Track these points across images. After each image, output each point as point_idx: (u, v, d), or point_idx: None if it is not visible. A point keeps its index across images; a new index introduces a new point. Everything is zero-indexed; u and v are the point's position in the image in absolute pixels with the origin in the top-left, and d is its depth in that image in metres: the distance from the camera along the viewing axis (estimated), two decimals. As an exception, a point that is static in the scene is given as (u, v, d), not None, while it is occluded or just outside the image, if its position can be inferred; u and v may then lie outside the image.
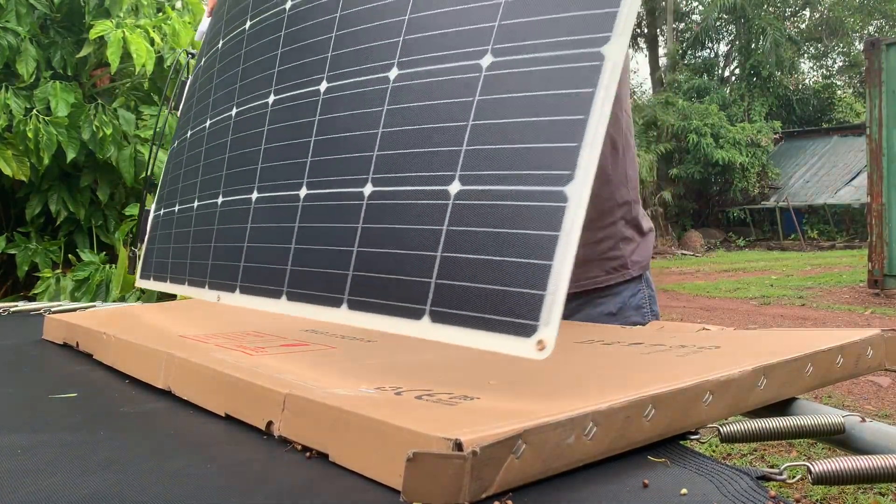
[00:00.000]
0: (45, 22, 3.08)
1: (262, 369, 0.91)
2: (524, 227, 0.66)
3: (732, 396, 0.78)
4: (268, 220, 0.95)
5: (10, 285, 3.25)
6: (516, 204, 0.67)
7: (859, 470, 0.63)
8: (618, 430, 0.67)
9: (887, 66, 7.14)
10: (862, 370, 0.96)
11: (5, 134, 2.89)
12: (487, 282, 0.67)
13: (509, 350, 0.64)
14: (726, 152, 16.35)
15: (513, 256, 0.66)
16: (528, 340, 0.63)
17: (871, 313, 6.36)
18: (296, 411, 0.76)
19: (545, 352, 0.62)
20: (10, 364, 1.26)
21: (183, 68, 1.44)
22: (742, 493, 0.59)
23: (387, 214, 0.77)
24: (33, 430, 0.86)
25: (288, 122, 0.96)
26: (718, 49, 21.82)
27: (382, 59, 0.83)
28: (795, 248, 15.05)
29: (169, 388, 0.99)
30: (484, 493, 0.58)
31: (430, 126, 0.76)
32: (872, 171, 7.29)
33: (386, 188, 0.77)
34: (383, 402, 0.75)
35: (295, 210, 0.89)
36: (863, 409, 3.79)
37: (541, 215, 0.65)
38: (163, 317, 1.41)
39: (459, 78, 0.75)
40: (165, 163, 1.44)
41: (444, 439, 0.59)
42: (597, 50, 0.67)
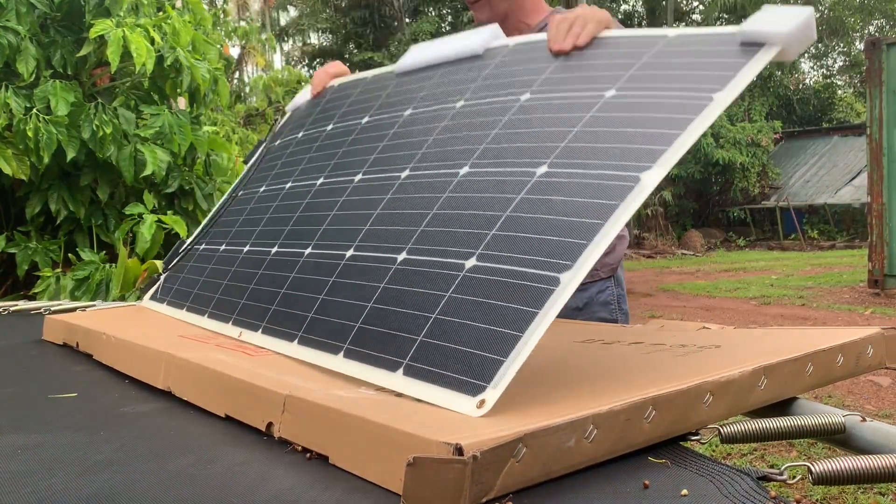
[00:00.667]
0: (45, 21, 3.08)
1: (263, 370, 0.91)
2: (511, 300, 0.75)
3: (733, 397, 0.78)
4: (310, 273, 1.06)
5: (10, 284, 3.25)
6: (514, 281, 0.77)
7: (859, 470, 0.63)
8: (618, 432, 0.67)
9: (888, 66, 7.13)
10: (862, 369, 0.96)
11: (5, 133, 2.89)
12: (462, 343, 0.75)
13: (453, 406, 0.71)
14: (727, 152, 16.35)
15: (491, 324, 0.75)
16: (472, 399, 0.70)
17: (871, 313, 6.38)
18: (296, 413, 0.76)
19: (483, 409, 0.69)
20: (10, 364, 1.26)
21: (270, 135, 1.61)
22: (742, 493, 0.59)
23: (407, 278, 0.88)
24: (33, 430, 0.86)
25: (362, 197, 1.11)
26: (719, 48, 21.88)
27: (460, 159, 1.00)
28: (796, 248, 15.04)
29: (169, 388, 0.99)
30: (485, 496, 0.58)
31: (473, 212, 0.90)
32: (873, 170, 7.29)
33: (415, 257, 0.90)
34: (384, 404, 0.75)
35: (336, 267, 1.01)
36: (863, 408, 3.80)
37: (530, 293, 0.74)
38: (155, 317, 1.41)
39: (513, 179, 0.90)
40: (219, 205, 1.58)
41: (445, 444, 0.59)
42: (636, 174, 0.79)
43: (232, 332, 1.15)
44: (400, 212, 1.01)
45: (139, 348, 1.09)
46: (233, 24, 8.31)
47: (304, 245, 1.14)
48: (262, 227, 1.31)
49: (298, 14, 23.66)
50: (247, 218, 1.39)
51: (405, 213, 0.99)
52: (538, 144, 0.91)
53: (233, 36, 8.08)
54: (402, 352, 0.81)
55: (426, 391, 0.75)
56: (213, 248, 1.43)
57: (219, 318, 1.21)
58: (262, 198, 1.42)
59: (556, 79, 1.04)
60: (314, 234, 1.14)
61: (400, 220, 0.99)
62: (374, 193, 1.08)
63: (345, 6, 19.68)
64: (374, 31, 19.34)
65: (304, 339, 0.98)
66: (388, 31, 19.26)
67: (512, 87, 1.08)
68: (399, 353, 0.82)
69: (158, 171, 3.04)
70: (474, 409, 0.69)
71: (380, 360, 0.83)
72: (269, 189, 1.41)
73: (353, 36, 19.72)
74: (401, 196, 1.03)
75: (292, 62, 21.82)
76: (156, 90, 3.37)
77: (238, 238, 1.36)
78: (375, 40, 19.22)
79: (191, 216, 3.36)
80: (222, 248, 1.38)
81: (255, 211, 1.39)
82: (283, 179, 1.38)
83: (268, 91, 8.41)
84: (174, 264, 1.54)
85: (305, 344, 0.97)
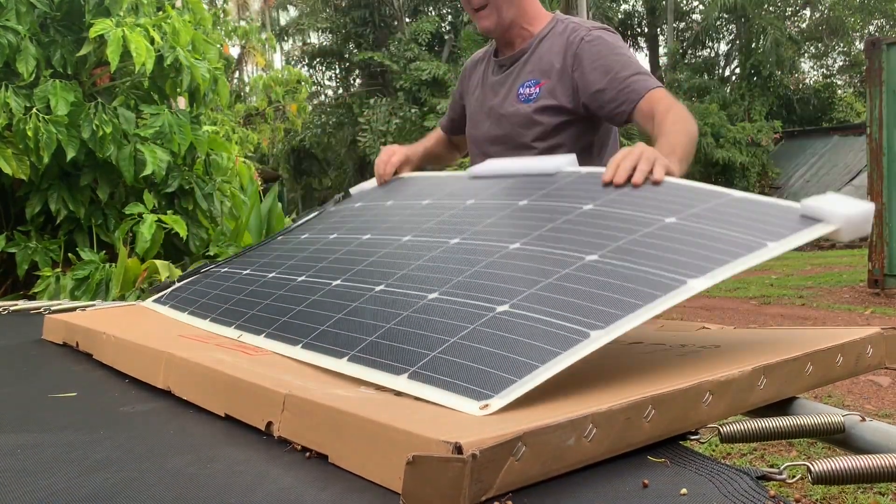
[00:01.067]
0: (45, 21, 3.07)
1: (263, 369, 0.91)
2: (536, 339, 0.78)
3: (732, 396, 0.78)
4: (334, 297, 1.08)
5: (10, 284, 3.24)
6: (542, 327, 0.80)
7: (859, 469, 0.63)
8: (618, 431, 0.67)
9: (888, 66, 7.12)
10: (862, 369, 0.96)
11: (5, 133, 2.89)
12: (476, 362, 0.77)
13: (457, 406, 0.72)
14: (727, 152, 16.33)
15: (511, 352, 0.77)
16: (475, 403, 0.71)
17: (871, 313, 6.37)
18: (296, 412, 0.76)
19: (486, 411, 0.69)
20: (10, 364, 1.26)
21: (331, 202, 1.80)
22: (742, 492, 0.59)
23: (435, 309, 0.92)
24: (33, 429, 0.86)
25: (408, 251, 1.17)
26: (719, 48, 21.85)
27: (510, 238, 1.07)
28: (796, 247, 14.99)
29: (169, 388, 0.99)
30: (484, 495, 0.58)
31: (510, 274, 0.96)
32: (873, 170, 7.28)
33: (448, 297, 0.94)
34: (384, 403, 0.75)
35: (362, 296, 1.05)
36: (863, 408, 3.79)
37: (557, 338, 0.77)
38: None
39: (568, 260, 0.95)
40: (266, 238, 1.66)
41: (444, 442, 0.59)
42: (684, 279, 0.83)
43: (231, 333, 1.15)
44: (439, 264, 1.06)
45: (139, 348, 1.09)
46: (233, 23, 8.30)
47: (334, 277, 1.17)
48: (295, 261, 1.35)
49: (298, 14, 23.65)
50: (281, 254, 1.44)
51: (446, 266, 1.05)
52: (593, 240, 0.97)
53: (233, 35, 8.07)
54: (411, 361, 0.82)
55: (428, 392, 0.75)
56: (236, 271, 1.47)
57: (220, 323, 1.21)
58: (303, 241, 1.48)
59: (618, 200, 1.12)
60: (348, 271, 1.17)
61: (439, 269, 1.04)
62: (419, 249, 1.13)
63: (345, 6, 19.67)
64: (374, 30, 19.33)
65: (308, 344, 0.98)
66: (388, 30, 19.25)
67: (576, 198, 1.16)
68: (407, 362, 0.82)
69: (158, 171, 3.04)
70: (476, 410, 0.69)
71: (385, 365, 0.84)
72: (313, 236, 1.48)
73: (353, 35, 19.71)
74: (446, 254, 1.09)
75: (292, 62, 21.82)
76: (156, 90, 3.37)
77: (266, 267, 1.40)
78: (375, 40, 19.21)
79: (191, 216, 3.36)
80: (246, 272, 1.42)
81: (292, 250, 1.44)
82: (330, 231, 1.45)
83: (268, 91, 8.40)
84: (190, 280, 1.56)
85: (309, 349, 0.97)
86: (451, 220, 1.25)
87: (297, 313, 1.10)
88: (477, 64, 1.94)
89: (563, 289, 0.86)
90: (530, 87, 1.73)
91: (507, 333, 0.80)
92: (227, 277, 1.45)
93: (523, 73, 1.75)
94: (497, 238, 1.09)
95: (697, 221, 0.97)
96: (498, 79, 1.80)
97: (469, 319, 0.86)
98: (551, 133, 1.70)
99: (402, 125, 16.20)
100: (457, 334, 0.83)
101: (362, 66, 19.76)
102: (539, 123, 1.70)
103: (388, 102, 17.08)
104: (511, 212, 1.20)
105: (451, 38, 19.10)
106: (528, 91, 1.73)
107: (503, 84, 1.78)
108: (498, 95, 1.79)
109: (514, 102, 1.74)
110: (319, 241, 1.42)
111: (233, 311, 1.24)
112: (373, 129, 16.57)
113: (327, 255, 1.30)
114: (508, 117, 1.74)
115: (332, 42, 21.18)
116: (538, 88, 1.71)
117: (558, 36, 1.71)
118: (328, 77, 22.81)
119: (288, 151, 20.04)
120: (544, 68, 1.71)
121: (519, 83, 1.75)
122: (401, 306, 0.97)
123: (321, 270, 1.24)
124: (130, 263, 2.95)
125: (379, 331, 0.93)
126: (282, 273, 1.32)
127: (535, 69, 1.73)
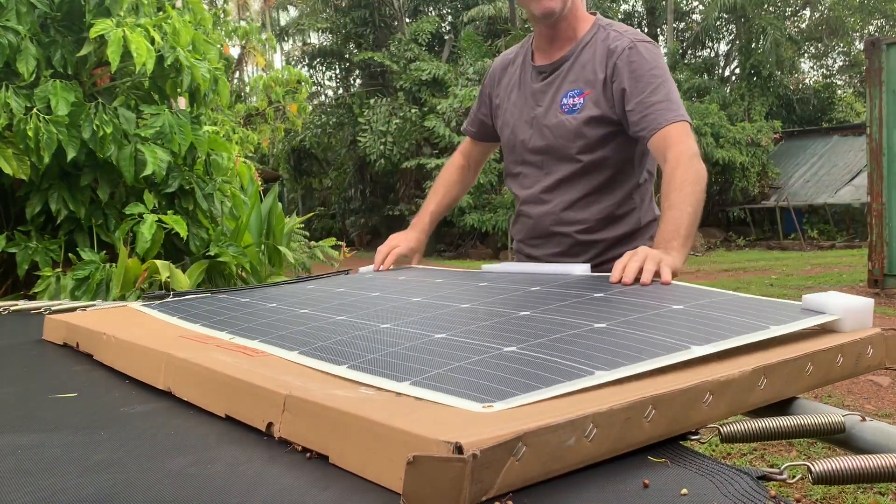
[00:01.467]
0: (46, 21, 3.07)
1: (263, 370, 0.91)
2: (541, 370, 0.79)
3: (732, 396, 0.78)
4: (337, 326, 1.10)
5: (10, 284, 3.24)
6: (547, 363, 0.81)
7: (859, 469, 0.63)
8: (618, 431, 0.67)
9: (887, 66, 7.12)
10: (862, 369, 0.96)
11: (6, 133, 2.89)
12: (479, 378, 0.78)
13: (461, 406, 0.72)
14: (726, 152, 16.32)
15: (514, 375, 0.78)
16: (479, 405, 0.71)
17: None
18: (296, 412, 0.76)
19: (490, 409, 0.70)
20: (11, 364, 1.26)
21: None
22: (742, 492, 0.59)
23: (443, 344, 0.94)
24: (33, 430, 0.86)
25: (420, 306, 1.19)
26: (719, 48, 21.84)
27: (518, 308, 1.11)
28: (795, 248, 15.02)
29: (169, 388, 0.99)
30: (484, 495, 0.58)
31: (520, 326, 1.00)
32: (873, 170, 7.28)
33: (457, 339, 0.96)
34: (384, 403, 0.75)
35: (369, 328, 1.06)
36: (863, 408, 3.79)
37: (562, 371, 0.78)
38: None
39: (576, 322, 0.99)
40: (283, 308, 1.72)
41: (445, 442, 0.59)
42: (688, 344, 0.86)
43: (224, 336, 1.14)
44: (453, 318, 1.09)
45: (139, 348, 1.09)
46: (233, 23, 8.30)
47: (340, 314, 1.18)
48: (300, 299, 1.39)
49: (298, 14, 23.65)
50: (286, 298, 1.46)
51: (453, 319, 1.07)
52: (602, 314, 1.03)
53: (233, 36, 8.07)
54: (414, 373, 0.82)
55: (430, 395, 0.75)
56: (237, 298, 1.49)
57: (211, 328, 1.21)
58: (310, 289, 1.50)
59: (626, 291, 1.19)
60: (355, 311, 1.18)
61: (450, 319, 1.08)
62: (431, 310, 1.16)
63: (345, 6, 19.67)
64: (374, 30, 19.34)
65: (306, 351, 0.98)
66: (388, 30, 19.25)
67: (586, 288, 1.23)
68: (410, 374, 0.82)
69: (158, 171, 3.04)
70: (480, 408, 0.70)
71: (387, 374, 0.84)
72: (321, 286, 1.53)
73: (353, 36, 19.72)
74: (457, 313, 1.12)
75: (292, 62, 21.82)
76: (156, 90, 3.37)
77: (268, 299, 1.43)
78: (375, 40, 19.21)
79: (191, 216, 3.37)
80: (246, 300, 1.44)
81: (298, 294, 1.48)
82: (340, 288, 1.49)
83: (268, 91, 8.40)
84: (183, 296, 1.58)
85: (307, 355, 0.97)
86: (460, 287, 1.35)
87: (296, 332, 1.11)
88: (507, 66, 1.89)
89: (573, 342, 0.90)
90: (574, 97, 1.70)
91: (511, 364, 0.82)
92: (227, 300, 1.48)
93: (566, 83, 1.72)
94: (509, 307, 1.14)
95: (702, 309, 1.03)
96: (539, 87, 1.77)
97: (475, 353, 0.88)
98: (597, 145, 1.69)
99: (402, 125, 16.20)
100: (464, 360, 0.85)
101: (362, 66, 19.77)
102: (585, 136, 1.68)
103: (388, 102, 17.08)
104: (523, 293, 1.25)
105: (451, 38, 19.10)
106: (571, 101, 1.70)
107: (545, 93, 1.75)
108: (541, 105, 1.76)
109: (557, 113, 1.72)
110: (330, 290, 1.44)
111: (225, 322, 1.24)
112: (373, 129, 16.57)
113: (334, 300, 1.33)
114: (552, 128, 1.72)
115: (332, 42, 21.18)
116: (582, 99, 1.69)
117: (600, 44, 1.70)
118: (328, 77, 22.83)
119: (288, 151, 20.05)
120: (588, 78, 1.69)
121: (562, 93, 1.72)
122: (408, 338, 0.98)
123: (327, 309, 1.25)
124: (131, 263, 2.95)
125: (383, 351, 0.94)
126: (284, 305, 1.33)
127: (579, 78, 1.71)
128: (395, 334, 1.02)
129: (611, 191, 1.75)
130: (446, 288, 1.35)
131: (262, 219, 4.35)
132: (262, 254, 4.14)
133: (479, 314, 1.11)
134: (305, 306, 1.30)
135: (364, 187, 19.92)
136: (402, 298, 1.28)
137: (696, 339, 0.88)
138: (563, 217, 1.77)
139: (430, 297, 1.27)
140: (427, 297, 1.26)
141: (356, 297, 1.35)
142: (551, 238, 1.81)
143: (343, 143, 19.45)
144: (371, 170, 18.12)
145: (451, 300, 1.22)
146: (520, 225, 1.90)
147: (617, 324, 0.97)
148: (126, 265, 2.92)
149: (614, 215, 1.76)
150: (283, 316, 1.24)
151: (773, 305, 1.06)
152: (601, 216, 1.75)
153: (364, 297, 1.34)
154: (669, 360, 0.81)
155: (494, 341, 0.93)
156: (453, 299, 1.23)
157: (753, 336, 0.89)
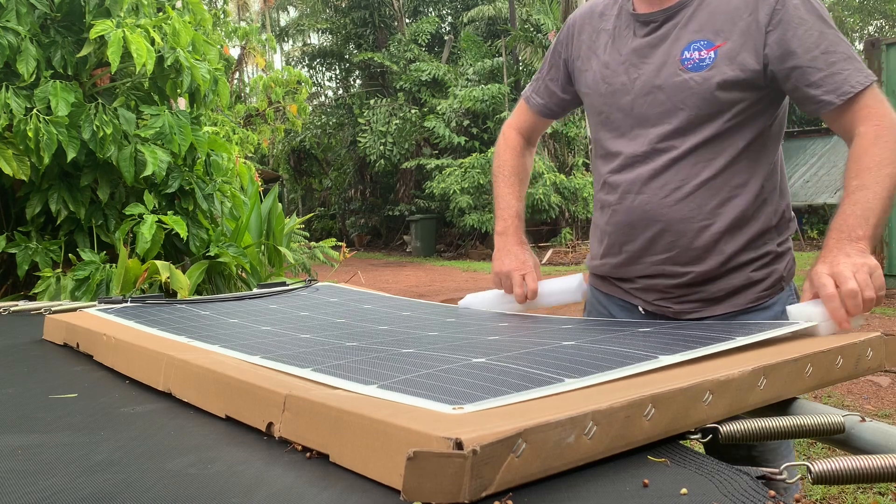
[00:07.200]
0: (46, 21, 3.07)
1: (263, 370, 0.91)
2: (510, 377, 0.80)
3: (732, 396, 0.78)
4: (341, 351, 1.09)
5: (10, 285, 3.24)
6: (515, 371, 0.83)
7: (859, 469, 0.63)
8: (618, 429, 0.67)
9: (887, 66, 7.13)
10: (861, 371, 0.96)
11: (5, 133, 2.88)
12: (447, 383, 0.79)
13: (432, 408, 0.72)
14: (726, 152, 16.34)
15: (482, 381, 0.79)
16: (449, 406, 0.71)
17: (871, 313, 6.36)
18: (296, 412, 0.76)
19: (460, 412, 0.69)
20: (11, 364, 1.26)
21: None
22: (742, 492, 0.59)
23: (415, 355, 0.96)
24: (34, 430, 0.86)
25: (395, 337, 1.19)
26: (718, 49, 21.84)
27: (493, 333, 1.15)
28: (795, 248, 15.01)
29: (169, 390, 0.99)
30: (484, 491, 0.58)
31: (492, 339, 1.08)
32: (872, 170, 7.29)
33: (429, 352, 0.98)
34: (384, 401, 0.75)
35: (370, 351, 1.05)
36: (862, 408, 3.79)
37: (532, 378, 0.79)
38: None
39: (537, 341, 1.05)
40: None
41: (445, 438, 0.59)
42: (656, 355, 0.89)
43: (181, 339, 1.13)
44: (447, 343, 1.09)
45: (140, 349, 1.09)
46: (233, 24, 8.31)
47: (349, 340, 1.17)
48: (269, 318, 1.39)
49: (298, 14, 23.66)
50: (244, 308, 1.47)
51: (449, 344, 1.08)
52: (575, 335, 1.09)
53: (233, 36, 8.07)
54: (382, 378, 0.82)
55: (407, 399, 0.74)
56: (189, 308, 1.48)
57: (170, 332, 1.20)
58: (300, 315, 1.47)
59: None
60: (361, 336, 1.17)
61: (439, 342, 1.09)
62: (407, 337, 1.17)
63: (345, 6, 19.67)
64: (374, 31, 19.34)
65: (265, 356, 0.98)
66: (388, 31, 19.25)
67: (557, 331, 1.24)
68: (378, 378, 0.82)
69: (159, 172, 3.04)
70: (451, 410, 0.69)
71: (353, 377, 0.83)
72: (282, 306, 1.55)
73: (353, 36, 19.72)
74: (460, 344, 1.13)
75: (292, 62, 21.81)
76: (156, 90, 3.37)
77: (225, 314, 1.43)
78: (375, 40, 19.21)
79: (191, 216, 3.36)
80: (205, 313, 1.43)
81: (279, 312, 1.47)
82: (304, 311, 1.49)
83: (268, 91, 8.40)
84: (140, 301, 1.56)
85: (267, 358, 0.96)
86: (465, 319, 1.37)
87: (255, 340, 1.10)
88: (592, 19, 1.50)
89: (544, 354, 0.92)
90: (700, 49, 1.32)
91: (481, 371, 0.83)
92: (180, 310, 1.47)
93: (686, 32, 1.35)
94: (482, 333, 1.17)
95: (684, 329, 1.11)
96: (646, 41, 1.38)
97: (446, 362, 0.89)
98: (727, 111, 1.32)
99: (402, 126, 16.20)
100: (434, 368, 0.86)
101: (362, 66, 19.76)
102: (715, 99, 1.31)
103: (388, 103, 17.08)
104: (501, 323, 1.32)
105: (450, 38, 19.09)
106: (697, 55, 1.32)
107: (655, 47, 1.37)
108: (649, 62, 1.38)
109: (677, 71, 1.34)
110: (314, 317, 1.43)
111: (184, 329, 1.23)
112: (373, 130, 16.57)
113: (315, 323, 1.33)
114: (669, 90, 1.34)
115: (332, 43, 21.18)
116: (712, 52, 1.31)
117: None
118: (328, 78, 22.82)
119: (288, 152, 20.05)
120: (718, 26, 1.32)
121: (682, 45, 1.34)
122: (378, 354, 0.98)
123: (302, 329, 1.24)
124: (131, 264, 2.95)
125: (351, 357, 0.94)
126: (259, 324, 1.32)
127: (706, 27, 1.33)
128: (366, 350, 1.03)
129: (744, 180, 1.38)
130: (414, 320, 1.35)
131: (262, 219, 4.35)
132: (262, 254, 4.14)
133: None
134: (268, 324, 1.31)
135: (364, 188, 19.91)
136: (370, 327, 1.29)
137: (665, 350, 0.91)
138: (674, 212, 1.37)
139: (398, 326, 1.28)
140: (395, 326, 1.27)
141: (321, 321, 1.36)
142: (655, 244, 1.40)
143: (343, 143, 19.45)
144: (371, 170, 18.11)
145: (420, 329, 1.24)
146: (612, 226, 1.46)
147: (586, 341, 1.02)
148: (126, 266, 2.92)
149: (746, 216, 1.40)
150: (244, 331, 1.24)
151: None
152: (736, 214, 1.38)
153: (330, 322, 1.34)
154: (635, 368, 0.83)
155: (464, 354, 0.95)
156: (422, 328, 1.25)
157: (716, 347, 0.93)
